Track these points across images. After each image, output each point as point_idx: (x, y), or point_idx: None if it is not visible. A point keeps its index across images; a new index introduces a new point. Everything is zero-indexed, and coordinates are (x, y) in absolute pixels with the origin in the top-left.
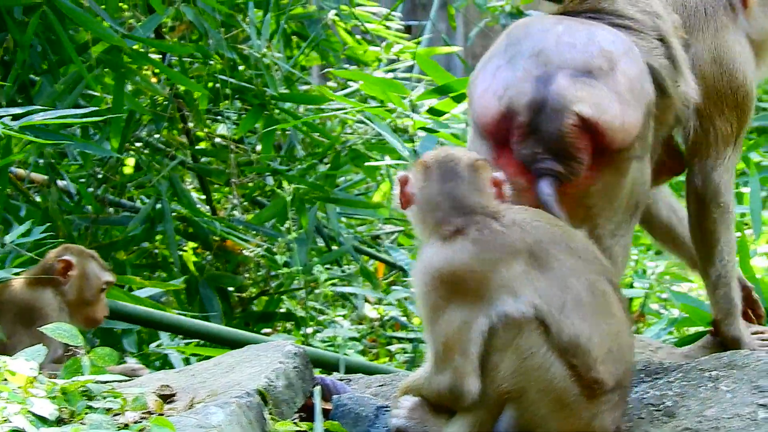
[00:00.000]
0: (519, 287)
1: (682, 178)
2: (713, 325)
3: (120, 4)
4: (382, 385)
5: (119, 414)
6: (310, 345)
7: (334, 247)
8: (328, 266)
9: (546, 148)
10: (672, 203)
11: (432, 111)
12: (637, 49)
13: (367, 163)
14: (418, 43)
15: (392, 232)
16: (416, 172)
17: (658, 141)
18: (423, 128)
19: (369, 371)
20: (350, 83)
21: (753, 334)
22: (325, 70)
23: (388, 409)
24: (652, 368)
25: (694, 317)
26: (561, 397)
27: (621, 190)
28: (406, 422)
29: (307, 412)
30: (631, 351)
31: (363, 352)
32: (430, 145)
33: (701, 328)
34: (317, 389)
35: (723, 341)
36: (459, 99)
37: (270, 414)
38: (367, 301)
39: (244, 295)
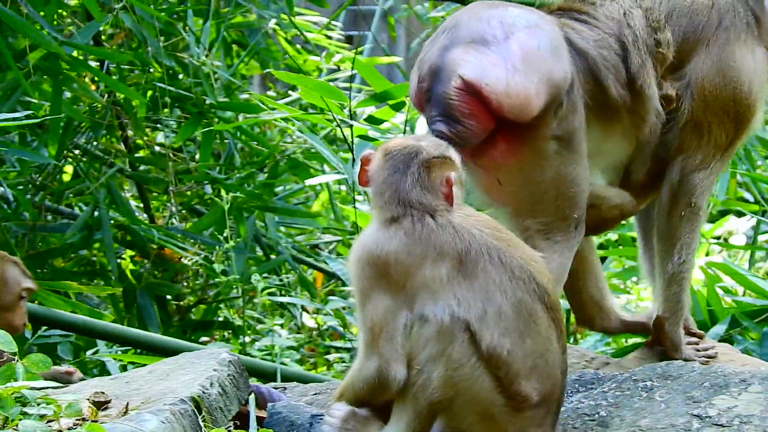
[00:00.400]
0: (440, 290)
1: None
2: (655, 324)
3: (59, 11)
4: (317, 394)
5: (53, 420)
6: (247, 354)
7: (273, 256)
8: (266, 275)
9: (438, 111)
10: None
11: (370, 119)
12: (550, 27)
13: (307, 181)
14: (359, 52)
15: (331, 242)
16: (378, 154)
17: (641, 150)
18: (361, 136)
19: (305, 380)
20: (290, 93)
21: (688, 344)
22: (266, 71)
23: (323, 417)
24: (586, 378)
25: None
26: (487, 408)
27: (540, 174)
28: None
29: (241, 420)
30: (561, 370)
31: (301, 362)
32: None
33: (638, 339)
34: (252, 397)
35: (661, 342)
36: (398, 107)
37: (204, 421)
38: (305, 310)
39: (181, 303)
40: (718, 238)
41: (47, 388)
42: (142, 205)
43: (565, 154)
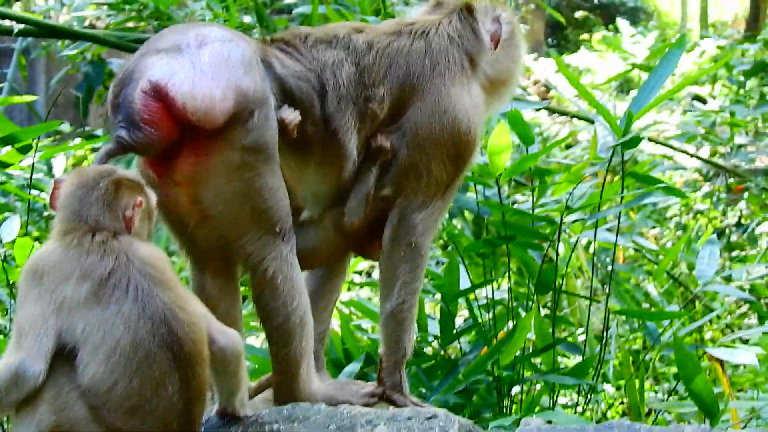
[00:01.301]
0: (74, 310)
1: None
2: (378, 361)
3: None
4: None
5: None
6: None
7: None
8: None
9: (122, 116)
10: None
11: None
12: (245, 44)
13: None
14: None
15: None
16: (71, 175)
17: (347, 190)
18: None
19: None
20: None
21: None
22: None
23: None
24: (212, 422)
25: (262, 368)
26: None
27: (231, 186)
28: None
29: None
30: (180, 419)
31: None
32: None
33: None
34: None
35: (380, 382)
36: (25, 150)
37: None
38: None
39: None
40: (361, 272)
41: None
42: None
43: (256, 166)
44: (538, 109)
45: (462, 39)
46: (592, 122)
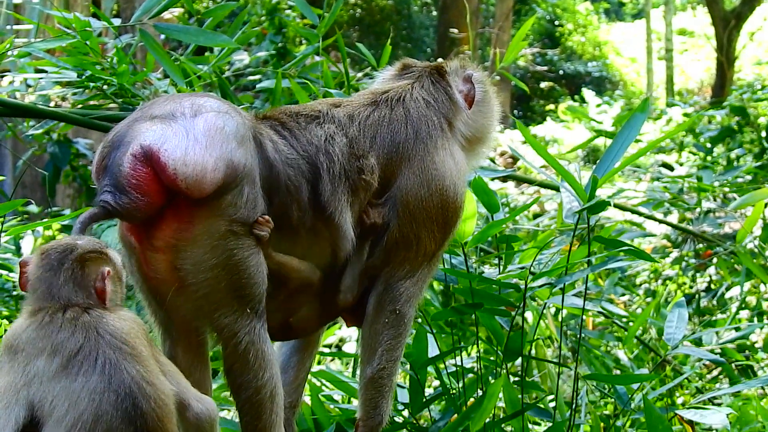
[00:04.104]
0: (44, 383)
1: None
2: (355, 426)
3: None
4: None
5: None
6: None
7: None
8: None
9: (109, 180)
10: None
11: None
12: (240, 118)
13: None
14: None
15: None
16: (35, 256)
17: (342, 270)
18: None
19: None
20: None
21: None
22: None
23: None
24: None
25: None
26: None
27: (212, 255)
28: None
29: None
30: None
31: None
32: None
33: None
34: None
35: None
36: None
37: None
38: None
39: None
40: (330, 346)
41: None
42: None
43: (238, 238)
44: (503, 178)
45: (437, 102)
46: (558, 189)
